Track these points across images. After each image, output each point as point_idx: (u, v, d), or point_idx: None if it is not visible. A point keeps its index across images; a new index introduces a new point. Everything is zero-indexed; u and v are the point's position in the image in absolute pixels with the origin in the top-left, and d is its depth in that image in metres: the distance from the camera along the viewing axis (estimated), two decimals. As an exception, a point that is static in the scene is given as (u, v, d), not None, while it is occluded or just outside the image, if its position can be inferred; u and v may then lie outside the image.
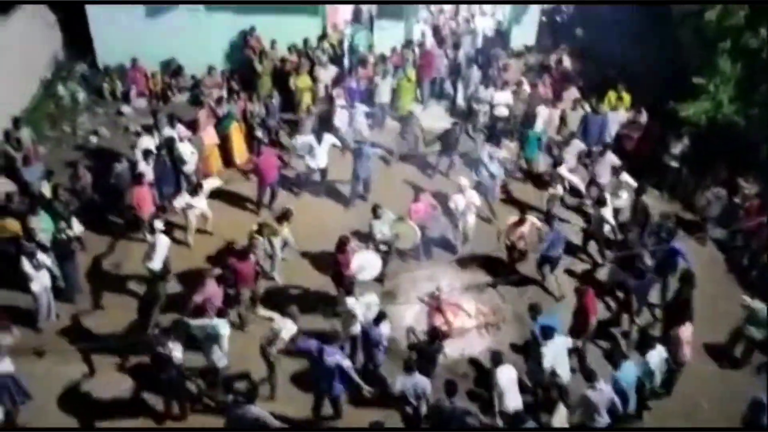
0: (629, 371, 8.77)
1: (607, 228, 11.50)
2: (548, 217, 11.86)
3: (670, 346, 9.24)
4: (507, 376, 8.64)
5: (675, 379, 9.43)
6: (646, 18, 13.93)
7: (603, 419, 8.36)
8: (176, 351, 8.62)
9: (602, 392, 8.34)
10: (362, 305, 9.35)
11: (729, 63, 12.17)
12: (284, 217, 10.95)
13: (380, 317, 9.07)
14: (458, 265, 11.80)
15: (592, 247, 12.04)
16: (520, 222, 11.17)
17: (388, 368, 9.38)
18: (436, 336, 9.24)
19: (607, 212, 11.42)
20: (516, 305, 10.95)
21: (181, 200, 11.61)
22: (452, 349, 10.02)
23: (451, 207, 11.69)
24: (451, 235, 12.08)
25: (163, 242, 10.41)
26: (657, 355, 8.95)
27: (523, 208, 11.79)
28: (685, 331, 9.30)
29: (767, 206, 11.78)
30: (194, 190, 11.66)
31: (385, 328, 9.12)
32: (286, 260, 11.28)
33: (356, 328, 9.36)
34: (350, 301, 9.29)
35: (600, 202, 11.49)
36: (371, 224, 10.91)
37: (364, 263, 10.40)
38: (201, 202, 11.72)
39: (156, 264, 10.32)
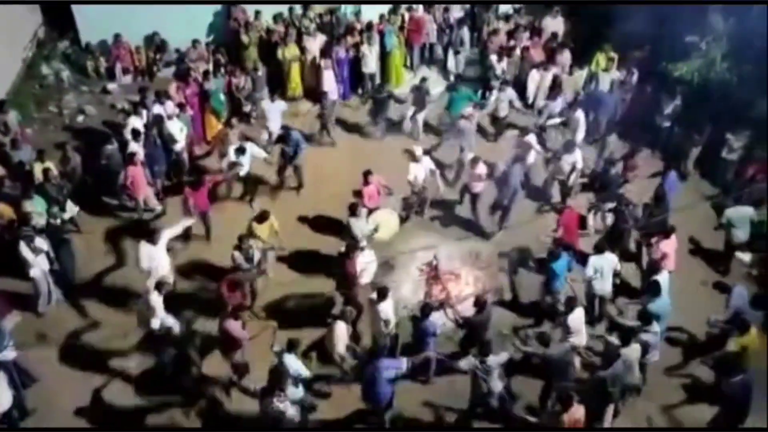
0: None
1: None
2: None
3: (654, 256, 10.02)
4: (579, 318, 8.98)
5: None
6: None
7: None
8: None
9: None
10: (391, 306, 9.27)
11: (720, 20, 12.10)
12: (261, 218, 10.39)
13: (429, 310, 9.01)
14: (455, 233, 11.83)
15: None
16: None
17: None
18: (482, 304, 9.25)
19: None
20: (512, 267, 11.03)
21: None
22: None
23: (409, 179, 11.53)
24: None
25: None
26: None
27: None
28: (670, 243, 9.98)
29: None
30: (151, 239, 9.85)
31: (435, 318, 9.11)
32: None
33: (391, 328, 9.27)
34: (386, 306, 9.11)
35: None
36: (349, 222, 10.48)
37: (365, 266, 10.04)
38: (160, 253, 9.88)
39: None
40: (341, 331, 8.85)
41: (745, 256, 11.27)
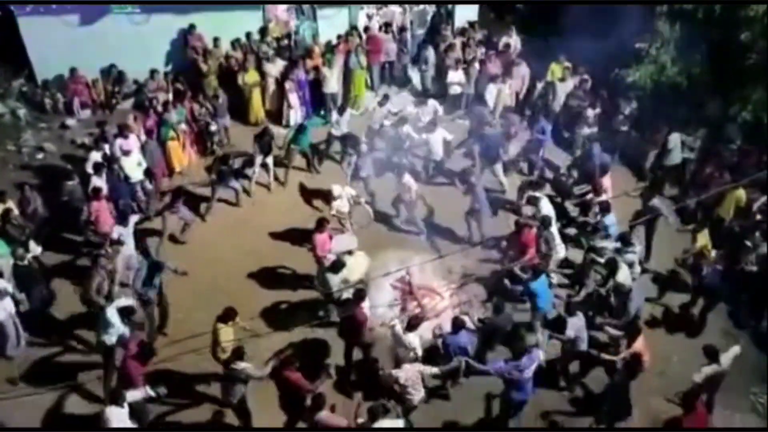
0: None
1: None
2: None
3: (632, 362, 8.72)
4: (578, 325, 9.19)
5: None
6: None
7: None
8: None
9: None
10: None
11: (667, 26, 12.51)
12: (226, 317, 8.89)
13: (460, 325, 9.00)
14: (427, 247, 11.93)
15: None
16: None
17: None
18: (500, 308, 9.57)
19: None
20: (487, 282, 11.15)
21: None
22: (427, 332, 9.99)
23: (333, 213, 11.60)
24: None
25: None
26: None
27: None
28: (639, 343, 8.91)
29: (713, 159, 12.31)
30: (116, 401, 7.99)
31: (464, 336, 9.03)
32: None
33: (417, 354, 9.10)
34: (411, 337, 8.99)
35: None
36: (326, 277, 10.02)
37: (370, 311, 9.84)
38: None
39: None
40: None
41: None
